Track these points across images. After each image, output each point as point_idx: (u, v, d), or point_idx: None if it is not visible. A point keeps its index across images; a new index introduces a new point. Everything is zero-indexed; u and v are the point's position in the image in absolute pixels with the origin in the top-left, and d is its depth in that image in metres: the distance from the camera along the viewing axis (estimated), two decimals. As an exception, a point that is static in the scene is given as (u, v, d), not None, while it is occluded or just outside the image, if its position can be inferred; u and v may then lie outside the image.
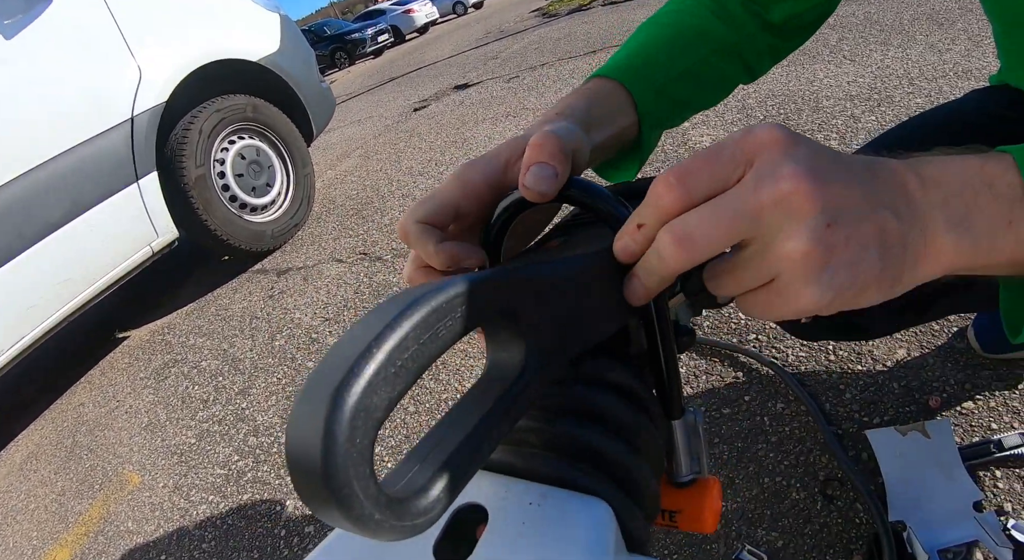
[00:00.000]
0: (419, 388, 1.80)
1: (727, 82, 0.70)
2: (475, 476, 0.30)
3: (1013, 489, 1.05)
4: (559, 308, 0.32)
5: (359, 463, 0.20)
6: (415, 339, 0.23)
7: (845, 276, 0.32)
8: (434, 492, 0.24)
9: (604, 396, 0.36)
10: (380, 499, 0.21)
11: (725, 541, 1.13)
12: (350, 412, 0.20)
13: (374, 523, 0.21)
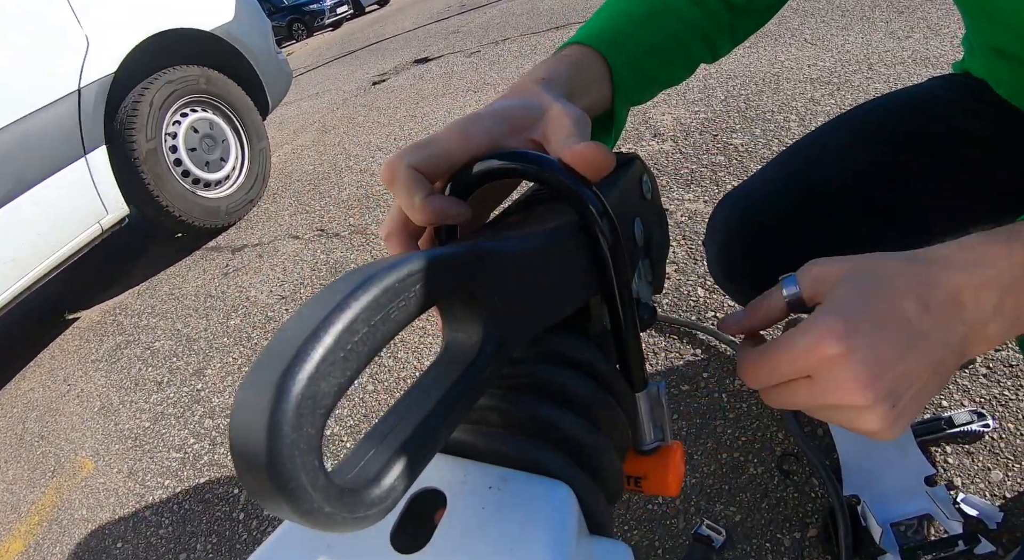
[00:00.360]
0: (377, 366, 1.78)
1: (692, 61, 0.70)
2: (433, 459, 0.29)
3: (963, 464, 1.08)
4: (518, 285, 0.31)
5: (307, 454, 0.19)
6: (366, 321, 0.22)
7: (915, 413, 0.40)
8: (388, 480, 0.22)
9: (567, 374, 0.35)
10: (330, 491, 0.20)
11: (684, 516, 1.14)
12: (296, 400, 0.19)
13: (324, 516, 0.20)
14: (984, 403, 1.14)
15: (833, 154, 0.84)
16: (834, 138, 0.86)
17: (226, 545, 1.48)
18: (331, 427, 1.68)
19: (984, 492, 1.04)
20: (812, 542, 1.04)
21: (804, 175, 0.83)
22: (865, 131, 0.85)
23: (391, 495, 0.23)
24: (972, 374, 1.19)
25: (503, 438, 0.32)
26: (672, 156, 1.99)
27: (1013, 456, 1.06)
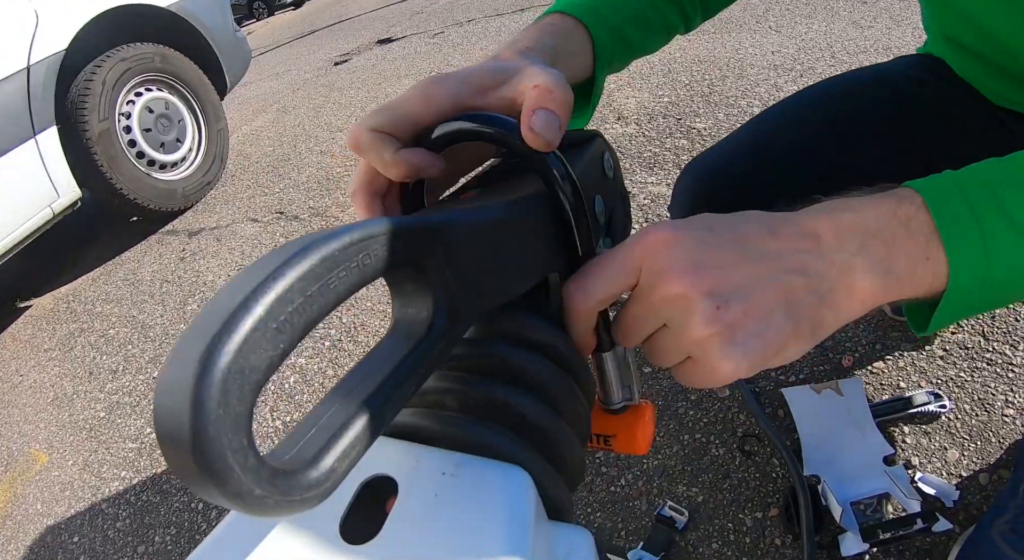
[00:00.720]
0: (337, 351, 1.75)
1: (669, 29, 0.70)
2: (385, 444, 0.29)
3: (920, 444, 1.10)
4: (472, 259, 0.30)
5: (234, 431, 0.18)
6: (301, 291, 0.20)
7: (756, 343, 0.35)
8: (327, 462, 0.21)
9: (526, 356, 0.34)
10: (261, 472, 0.19)
11: (647, 498, 1.14)
12: (222, 373, 0.18)
13: (255, 499, 0.19)
14: (941, 384, 1.16)
15: (792, 122, 0.85)
16: (794, 108, 0.87)
17: (185, 536, 1.45)
18: (290, 413, 1.65)
19: (941, 471, 1.06)
20: (774, 522, 1.05)
21: (765, 143, 0.85)
22: (824, 102, 0.87)
23: (330, 477, 0.21)
24: (929, 356, 1.21)
25: (459, 422, 0.31)
26: (636, 139, 1.98)
27: (968, 436, 1.08)
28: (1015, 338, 1.20)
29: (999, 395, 1.12)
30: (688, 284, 0.35)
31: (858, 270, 0.37)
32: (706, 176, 0.86)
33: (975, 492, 1.02)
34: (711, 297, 0.35)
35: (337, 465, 0.21)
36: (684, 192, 0.87)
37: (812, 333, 0.37)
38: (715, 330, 0.35)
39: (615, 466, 1.20)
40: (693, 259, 0.36)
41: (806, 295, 0.36)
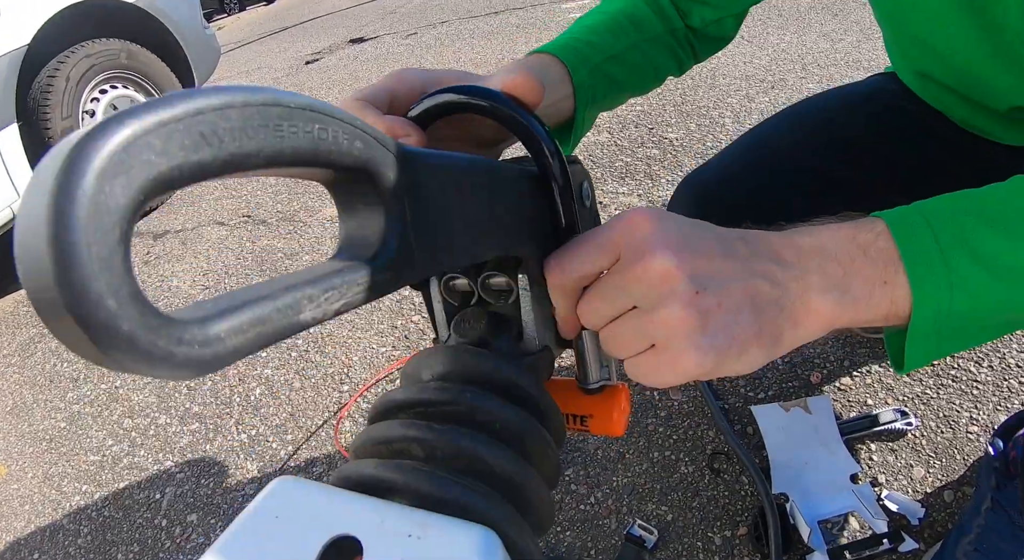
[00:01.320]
0: (304, 362, 1.72)
1: (658, 71, 0.72)
2: (351, 501, 0.27)
3: (887, 461, 1.11)
4: (438, 199, 0.28)
5: (105, 242, 0.15)
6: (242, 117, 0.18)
7: (723, 338, 0.35)
8: (217, 327, 0.18)
9: (494, 404, 0.34)
10: (136, 304, 0.16)
11: (617, 516, 1.14)
12: (101, 164, 0.15)
13: (124, 338, 0.16)
14: (907, 401, 1.17)
15: (788, 138, 0.87)
16: (792, 122, 0.89)
17: (148, 554, 1.41)
18: (256, 427, 1.62)
19: (907, 488, 1.07)
20: (742, 540, 1.05)
21: (762, 159, 0.86)
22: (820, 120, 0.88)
23: (215, 345, 0.18)
24: (895, 373, 1.22)
25: (425, 476, 0.30)
26: (608, 148, 1.98)
27: (934, 453, 1.10)
28: (979, 355, 1.21)
29: (964, 412, 1.14)
30: (675, 262, 0.35)
31: (814, 289, 0.38)
32: (702, 191, 0.87)
33: (940, 509, 1.03)
34: (693, 280, 0.35)
35: (227, 336, 0.19)
36: (680, 207, 0.88)
37: (772, 343, 0.37)
38: (690, 315, 0.34)
39: (584, 484, 1.20)
40: (679, 240, 0.36)
41: (770, 302, 0.37)
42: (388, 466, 0.31)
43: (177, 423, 1.74)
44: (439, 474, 0.30)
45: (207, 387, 1.79)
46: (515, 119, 0.37)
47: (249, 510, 0.27)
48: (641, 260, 0.35)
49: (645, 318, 0.36)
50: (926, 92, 0.82)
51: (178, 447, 1.67)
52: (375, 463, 0.31)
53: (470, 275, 0.41)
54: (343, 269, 0.23)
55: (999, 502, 0.90)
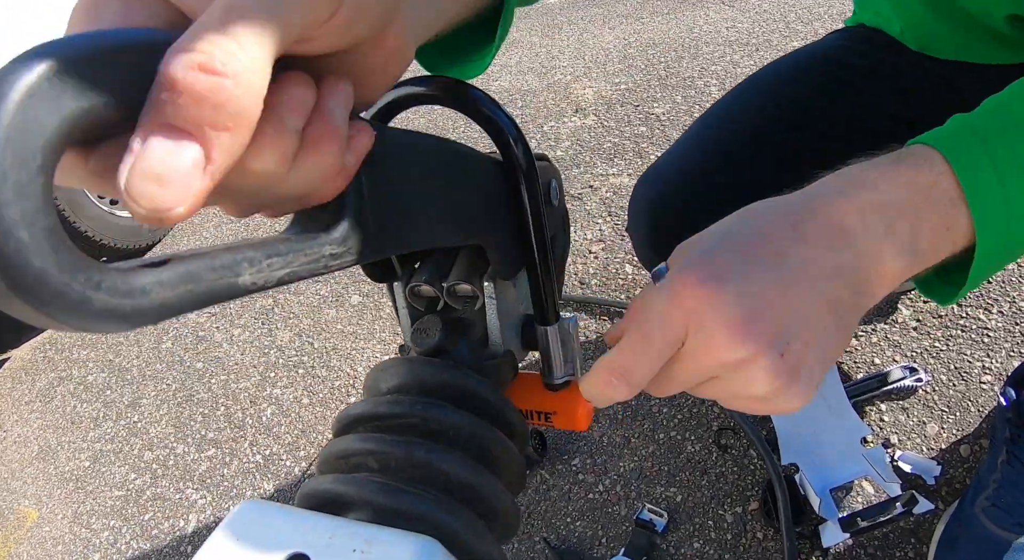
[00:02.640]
0: (311, 378, 1.72)
1: None
2: (304, 518, 0.28)
3: (898, 420, 1.07)
4: (396, 178, 0.28)
5: (24, 167, 0.14)
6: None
7: (819, 369, 0.34)
8: (143, 279, 0.17)
9: (445, 413, 0.34)
10: (51, 240, 0.15)
11: (626, 502, 1.12)
12: (29, 83, 0.15)
13: (33, 275, 0.14)
14: (916, 357, 1.13)
15: (741, 113, 0.83)
16: (741, 99, 0.86)
17: (172, 581, 1.43)
18: (269, 447, 1.62)
19: (921, 447, 1.03)
20: (754, 515, 1.02)
21: (718, 138, 0.82)
22: (770, 89, 0.85)
23: (138, 296, 0.17)
24: (902, 328, 1.18)
25: (376, 488, 0.30)
26: (595, 131, 1.95)
27: (947, 408, 1.06)
28: (988, 301, 1.17)
29: (976, 362, 1.10)
30: (750, 345, 0.32)
31: (887, 255, 0.35)
32: (660, 185, 0.83)
33: (957, 465, 0.99)
34: (773, 347, 0.32)
35: (151, 288, 0.17)
36: (644, 210, 0.84)
37: (854, 324, 0.36)
38: (780, 379, 0.33)
39: (592, 472, 1.17)
40: (743, 312, 0.32)
41: (847, 295, 0.35)
42: (341, 480, 0.31)
43: (194, 451, 1.75)
44: (391, 485, 0.31)
45: (221, 412, 1.80)
46: (476, 106, 0.35)
47: (215, 534, 0.28)
48: (710, 348, 0.33)
49: (736, 386, 0.34)
50: (914, 26, 0.79)
51: (197, 474, 1.68)
52: (331, 478, 0.32)
53: (435, 282, 0.40)
54: (292, 239, 0.23)
55: (1014, 454, 0.86)
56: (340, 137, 0.23)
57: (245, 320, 2.05)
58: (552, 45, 2.49)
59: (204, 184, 0.18)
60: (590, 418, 0.44)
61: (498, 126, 0.35)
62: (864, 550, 0.95)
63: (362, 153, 0.25)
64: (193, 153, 0.17)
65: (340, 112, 0.23)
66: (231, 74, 0.17)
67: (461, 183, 0.33)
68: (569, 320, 0.42)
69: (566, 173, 1.84)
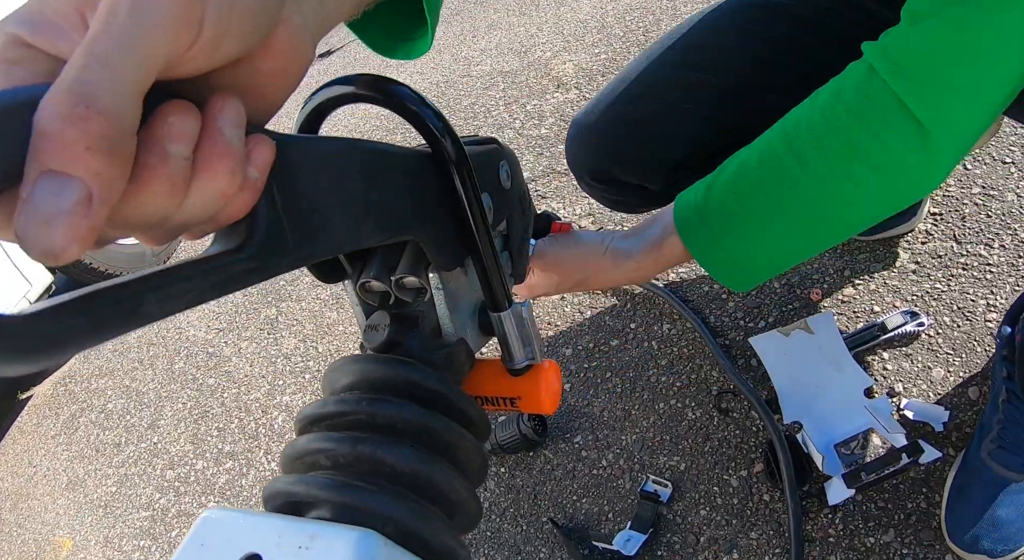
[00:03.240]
0: (317, 381, 1.72)
1: None
2: (258, 521, 0.29)
3: (901, 368, 1.03)
4: (310, 185, 0.28)
5: None
6: None
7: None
8: (54, 316, 0.18)
9: (388, 406, 0.34)
10: None
11: (630, 475, 1.10)
12: None
13: None
14: (916, 300, 1.09)
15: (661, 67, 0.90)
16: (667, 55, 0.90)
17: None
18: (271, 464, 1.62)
19: (927, 393, 1.00)
20: (760, 478, 1.00)
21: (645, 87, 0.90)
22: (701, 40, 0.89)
23: (42, 326, 0.18)
24: (900, 272, 1.14)
25: (322, 485, 0.31)
26: (578, 104, 1.91)
27: (952, 350, 1.02)
28: (989, 236, 1.12)
29: (979, 300, 1.05)
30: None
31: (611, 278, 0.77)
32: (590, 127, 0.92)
33: (966, 409, 0.96)
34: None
35: (61, 326, 0.18)
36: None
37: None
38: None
39: (594, 448, 1.15)
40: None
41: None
42: (293, 481, 0.32)
43: (213, 465, 1.76)
44: (338, 481, 0.31)
45: (235, 425, 1.81)
46: (399, 101, 0.35)
47: (184, 541, 0.30)
48: None
49: None
50: None
51: (217, 487, 1.70)
52: (285, 479, 0.33)
53: (383, 277, 0.40)
54: (204, 260, 0.23)
55: (1013, 392, 0.82)
56: (233, 155, 0.23)
57: (251, 332, 2.06)
58: (530, 23, 2.45)
59: (90, 221, 0.18)
60: (556, 401, 0.45)
61: (423, 121, 0.35)
62: (874, 504, 0.92)
63: (265, 166, 0.25)
64: (74, 193, 0.18)
65: (230, 130, 0.23)
66: (97, 113, 0.18)
67: (380, 182, 0.33)
68: (522, 305, 0.43)
69: (552, 150, 1.81)
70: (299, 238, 0.27)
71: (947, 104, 0.55)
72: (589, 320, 1.34)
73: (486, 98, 2.18)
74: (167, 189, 0.21)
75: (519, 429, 1.14)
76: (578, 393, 1.24)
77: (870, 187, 0.60)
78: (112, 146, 0.19)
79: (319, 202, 0.28)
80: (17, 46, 0.22)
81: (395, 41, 0.49)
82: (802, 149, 0.61)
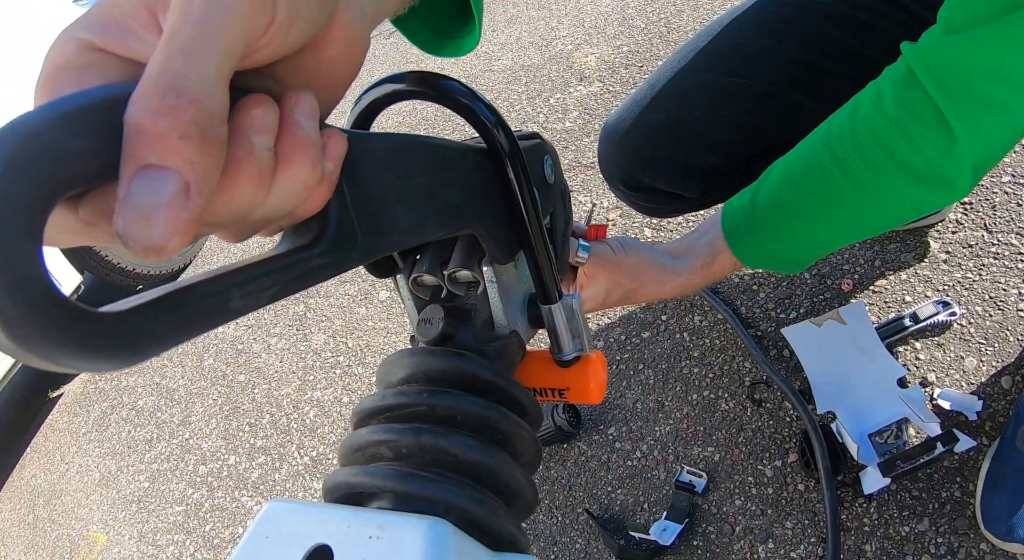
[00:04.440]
0: (349, 377, 1.74)
1: None
2: (325, 513, 0.30)
3: (934, 358, 1.04)
4: (377, 182, 0.29)
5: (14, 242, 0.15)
6: None
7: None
8: (145, 315, 0.18)
9: (448, 399, 0.35)
10: (47, 300, 0.16)
11: (664, 466, 1.11)
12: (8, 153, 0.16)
13: (38, 333, 0.16)
14: (948, 290, 1.10)
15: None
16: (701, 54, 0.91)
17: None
18: (316, 448, 1.65)
19: (960, 382, 1.00)
20: (794, 467, 1.01)
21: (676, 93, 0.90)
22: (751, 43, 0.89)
23: (136, 336, 0.18)
24: (932, 262, 1.14)
25: (387, 475, 0.32)
26: (601, 97, 1.92)
27: (985, 339, 1.02)
28: (1020, 225, 1.12)
29: (1011, 289, 1.06)
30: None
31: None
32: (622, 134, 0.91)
33: (999, 398, 0.96)
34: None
35: (147, 326, 0.18)
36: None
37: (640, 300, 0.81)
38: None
39: (628, 439, 1.17)
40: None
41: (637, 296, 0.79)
42: (357, 472, 0.33)
43: (246, 460, 1.79)
44: (402, 471, 0.32)
45: (266, 420, 1.83)
46: (451, 96, 0.35)
47: (247, 534, 0.30)
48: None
49: None
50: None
51: (250, 482, 1.73)
52: (347, 471, 0.34)
53: (435, 271, 0.41)
54: (280, 256, 0.24)
55: (1051, 377, 0.83)
56: (313, 147, 0.23)
57: (280, 328, 2.08)
58: (551, 16, 2.45)
59: (189, 213, 0.19)
60: (603, 391, 0.45)
61: (476, 114, 0.36)
62: (908, 493, 0.93)
63: (339, 158, 0.25)
64: (171, 185, 0.18)
65: (307, 122, 0.23)
66: (187, 101, 0.18)
67: (441, 177, 0.33)
68: (572, 297, 0.43)
69: (577, 143, 1.82)
70: (367, 232, 0.27)
71: (984, 120, 0.56)
72: (620, 312, 1.36)
73: (509, 93, 2.19)
74: (255, 181, 0.21)
75: (554, 421, 1.16)
76: (611, 385, 1.25)
77: (910, 195, 0.62)
78: (204, 133, 0.19)
79: (385, 197, 0.29)
80: (88, 51, 0.22)
81: (442, 39, 0.50)
82: (845, 159, 0.63)
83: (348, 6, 0.28)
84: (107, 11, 0.23)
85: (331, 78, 0.27)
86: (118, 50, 0.22)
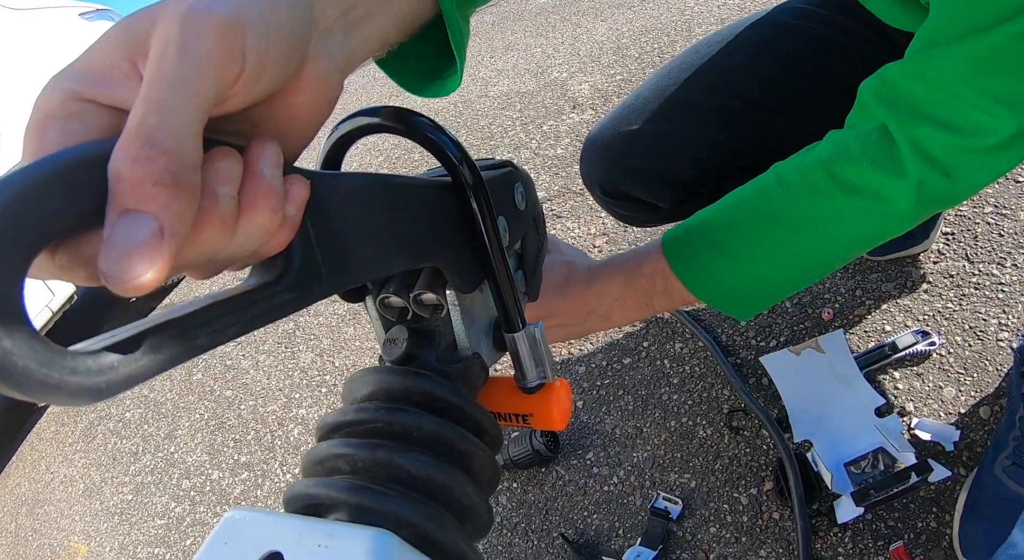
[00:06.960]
0: (335, 396, 1.74)
1: None
2: (280, 521, 0.30)
3: (913, 387, 1.04)
4: (341, 220, 0.30)
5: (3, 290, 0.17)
6: None
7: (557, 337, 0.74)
8: (115, 355, 0.20)
9: (406, 414, 0.36)
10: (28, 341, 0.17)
11: (640, 492, 1.10)
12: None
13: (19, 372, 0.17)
14: (928, 320, 1.10)
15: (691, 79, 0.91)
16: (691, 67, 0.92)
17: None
18: (298, 465, 1.64)
19: (938, 412, 1.00)
20: (769, 496, 1.00)
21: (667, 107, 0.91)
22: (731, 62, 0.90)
23: (108, 373, 0.20)
24: (912, 292, 1.14)
25: (341, 487, 0.33)
26: (593, 125, 1.94)
27: (964, 369, 1.02)
28: (1001, 255, 1.13)
29: (991, 319, 1.06)
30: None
31: (608, 318, 0.73)
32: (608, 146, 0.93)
33: (977, 428, 0.96)
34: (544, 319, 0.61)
35: (119, 365, 0.20)
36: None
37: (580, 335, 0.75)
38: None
39: (606, 465, 1.16)
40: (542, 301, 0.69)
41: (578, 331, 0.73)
42: (314, 483, 0.34)
43: (229, 476, 1.78)
44: (356, 484, 0.33)
45: (251, 436, 1.83)
46: (419, 131, 0.37)
47: (208, 539, 0.31)
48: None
49: None
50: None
51: (232, 497, 1.71)
52: (305, 482, 0.34)
53: (402, 293, 0.41)
54: (245, 293, 0.24)
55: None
56: (274, 194, 0.24)
57: (269, 346, 2.09)
58: (547, 44, 2.49)
59: (166, 251, 0.20)
60: (567, 418, 0.46)
61: (441, 149, 0.36)
62: (884, 523, 0.92)
63: (301, 203, 0.26)
64: (148, 227, 0.20)
65: (271, 171, 0.25)
66: (161, 152, 0.20)
67: (403, 213, 0.34)
68: (535, 326, 0.44)
69: (567, 170, 1.83)
70: (331, 268, 0.29)
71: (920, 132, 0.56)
72: (602, 339, 1.36)
73: (503, 118, 2.21)
74: (219, 227, 0.23)
75: (531, 445, 1.15)
76: (591, 410, 1.25)
77: (847, 207, 0.60)
78: (177, 180, 0.20)
79: (348, 234, 0.30)
80: (74, 101, 0.24)
81: (424, 81, 0.50)
82: (783, 169, 0.62)
83: (318, 55, 0.29)
84: (92, 63, 0.25)
85: (301, 123, 0.29)
86: (102, 99, 0.24)
